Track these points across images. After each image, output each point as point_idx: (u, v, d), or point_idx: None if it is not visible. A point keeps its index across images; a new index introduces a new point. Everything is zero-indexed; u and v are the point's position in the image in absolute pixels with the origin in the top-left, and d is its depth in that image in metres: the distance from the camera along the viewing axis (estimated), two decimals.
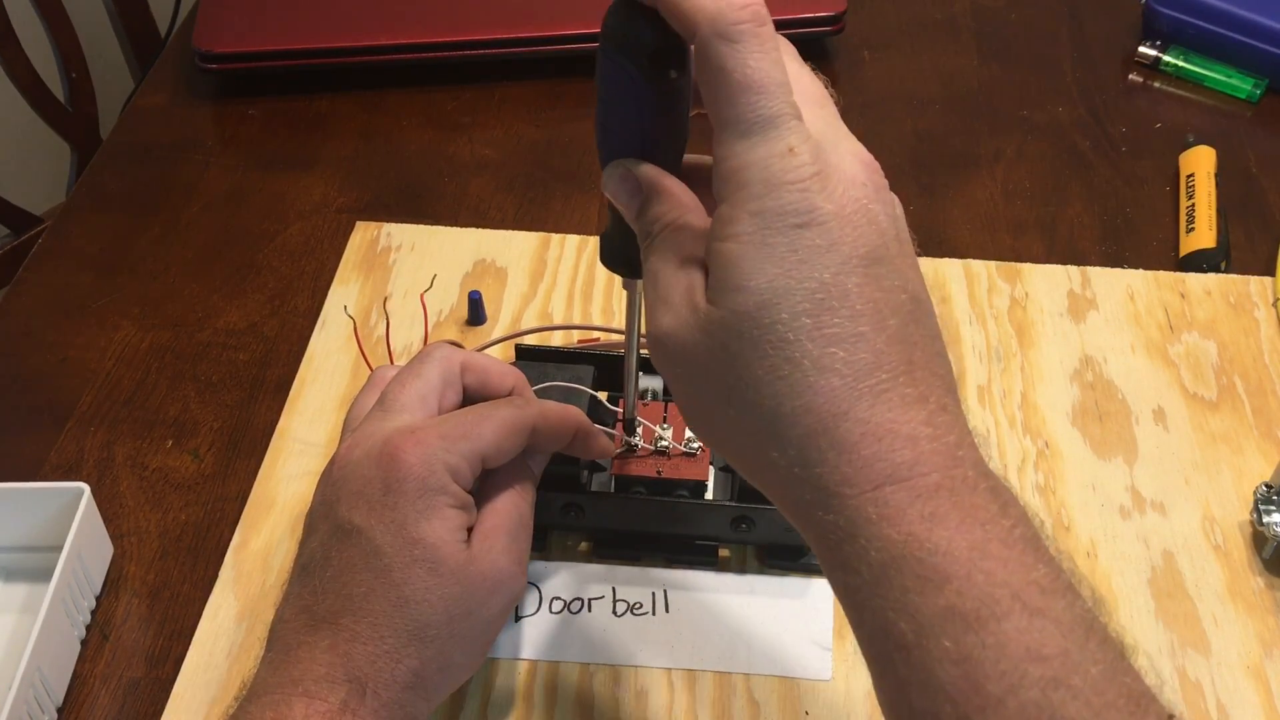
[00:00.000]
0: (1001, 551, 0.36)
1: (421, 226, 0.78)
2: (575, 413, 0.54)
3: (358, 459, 0.49)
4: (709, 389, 0.40)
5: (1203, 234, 0.76)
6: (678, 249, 0.41)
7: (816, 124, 0.39)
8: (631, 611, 0.59)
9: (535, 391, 0.59)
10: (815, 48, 0.93)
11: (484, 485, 0.51)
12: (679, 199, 0.43)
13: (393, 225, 0.78)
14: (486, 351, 0.70)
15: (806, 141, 0.38)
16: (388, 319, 0.71)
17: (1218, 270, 0.75)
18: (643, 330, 0.62)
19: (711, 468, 0.60)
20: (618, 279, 0.75)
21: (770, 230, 0.38)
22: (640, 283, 0.50)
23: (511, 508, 0.51)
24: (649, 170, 0.44)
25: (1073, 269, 0.75)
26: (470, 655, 0.49)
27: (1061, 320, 0.72)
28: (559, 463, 0.57)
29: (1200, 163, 0.81)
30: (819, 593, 0.59)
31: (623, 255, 0.48)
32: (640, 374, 0.63)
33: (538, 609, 0.59)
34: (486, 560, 0.49)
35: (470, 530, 0.49)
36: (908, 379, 0.38)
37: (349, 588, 0.47)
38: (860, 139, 0.42)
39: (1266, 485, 0.62)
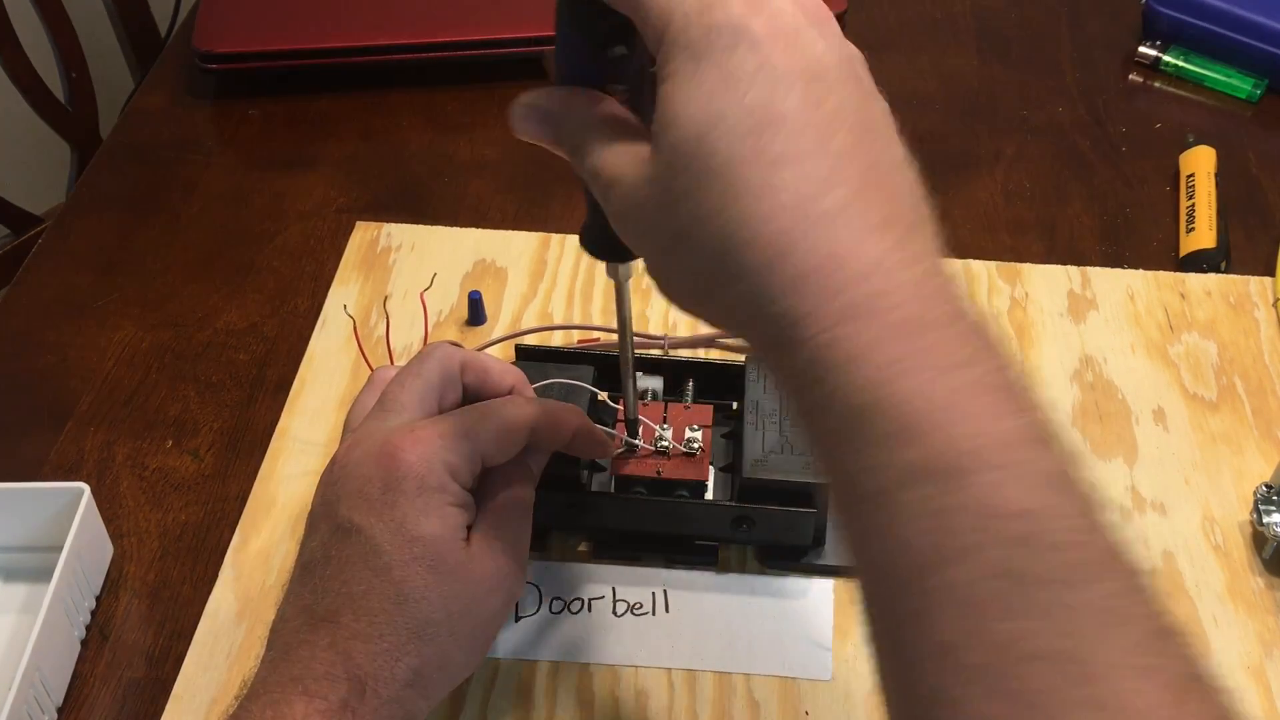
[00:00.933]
0: (972, 401, 0.33)
1: (421, 227, 0.78)
2: (575, 411, 0.54)
3: (357, 459, 0.49)
4: (664, 240, 0.38)
5: (1203, 234, 0.76)
6: (608, 134, 0.40)
7: None
8: (631, 611, 0.59)
9: (535, 390, 0.59)
10: None
11: (484, 484, 0.51)
12: (593, 97, 0.42)
13: (393, 225, 0.78)
14: (486, 351, 0.70)
15: None
16: (388, 319, 0.71)
17: (1218, 270, 0.75)
18: (636, 327, 0.62)
19: (711, 468, 0.60)
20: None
21: (700, 59, 0.35)
22: (624, 268, 0.50)
23: (511, 506, 0.51)
24: (555, 91, 0.43)
25: (1073, 269, 0.75)
26: (470, 653, 0.49)
27: (1061, 320, 0.72)
28: (559, 463, 0.57)
29: (1200, 163, 0.81)
30: (819, 593, 0.59)
31: (603, 237, 0.46)
32: (639, 374, 0.63)
33: (538, 609, 0.59)
34: (486, 559, 0.49)
35: (470, 529, 0.49)
36: (865, 201, 0.35)
37: (349, 586, 0.47)
38: None
39: (1266, 485, 0.62)
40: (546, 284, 0.74)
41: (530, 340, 0.70)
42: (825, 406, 0.34)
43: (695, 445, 0.59)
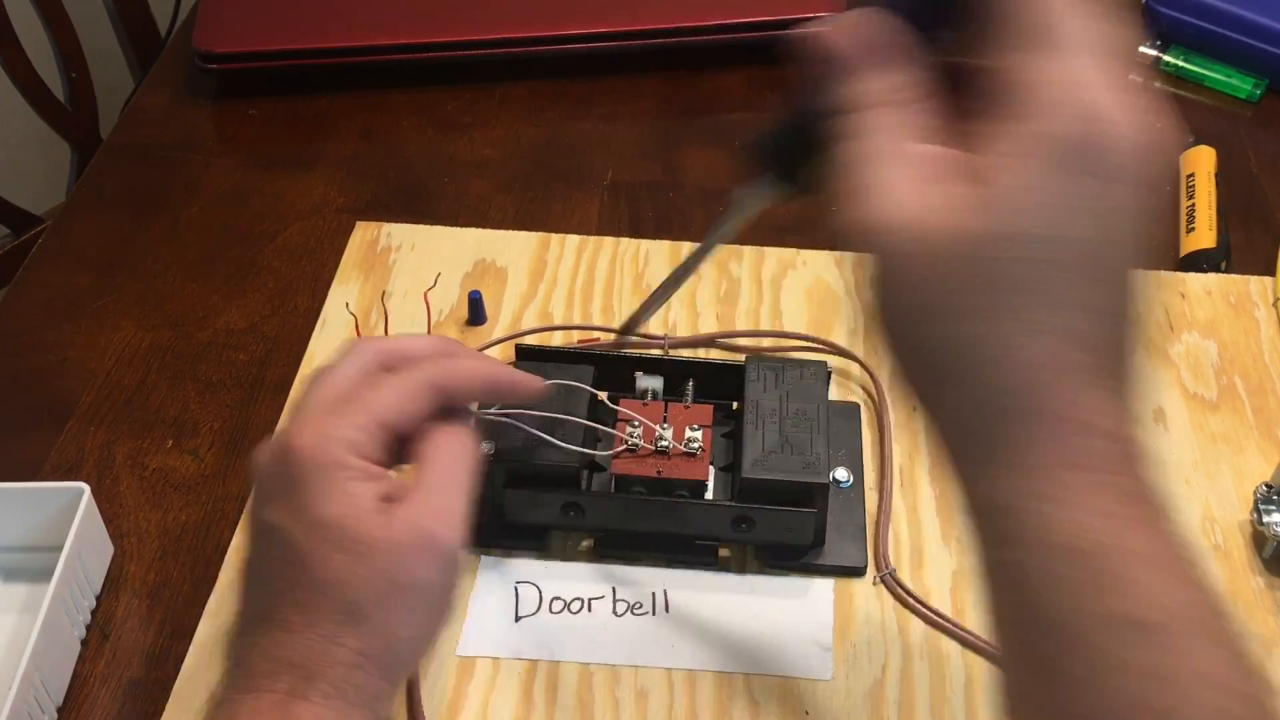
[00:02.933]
0: (1170, 562, 0.34)
1: (421, 226, 0.78)
2: (487, 362, 0.53)
3: (264, 461, 0.48)
4: (910, 297, 0.36)
5: (1203, 234, 0.76)
6: (897, 130, 0.37)
7: (1114, 72, 0.35)
8: (631, 611, 0.59)
9: None
10: None
11: (419, 448, 0.49)
12: (903, 75, 0.38)
13: (393, 225, 0.78)
14: (487, 351, 0.70)
15: (1107, 75, 0.34)
16: (386, 316, 0.71)
17: (1218, 270, 0.75)
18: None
19: (711, 468, 0.60)
20: (617, 279, 0.75)
21: (1055, 166, 0.34)
22: (772, 193, 0.45)
23: (440, 467, 0.49)
24: (879, 27, 0.38)
25: None
26: (419, 625, 0.48)
27: None
28: (559, 463, 0.58)
29: (1200, 162, 0.81)
30: (819, 593, 0.59)
31: (786, 153, 0.43)
32: (639, 374, 0.63)
33: (538, 609, 0.59)
34: (406, 526, 0.47)
35: (398, 497, 0.48)
36: (1119, 371, 0.35)
37: (275, 583, 0.46)
38: None
39: (1266, 485, 0.62)
40: (546, 284, 0.74)
41: (530, 340, 0.70)
42: (1022, 535, 0.35)
43: (695, 445, 0.59)
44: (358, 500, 0.46)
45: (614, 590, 0.60)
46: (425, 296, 0.70)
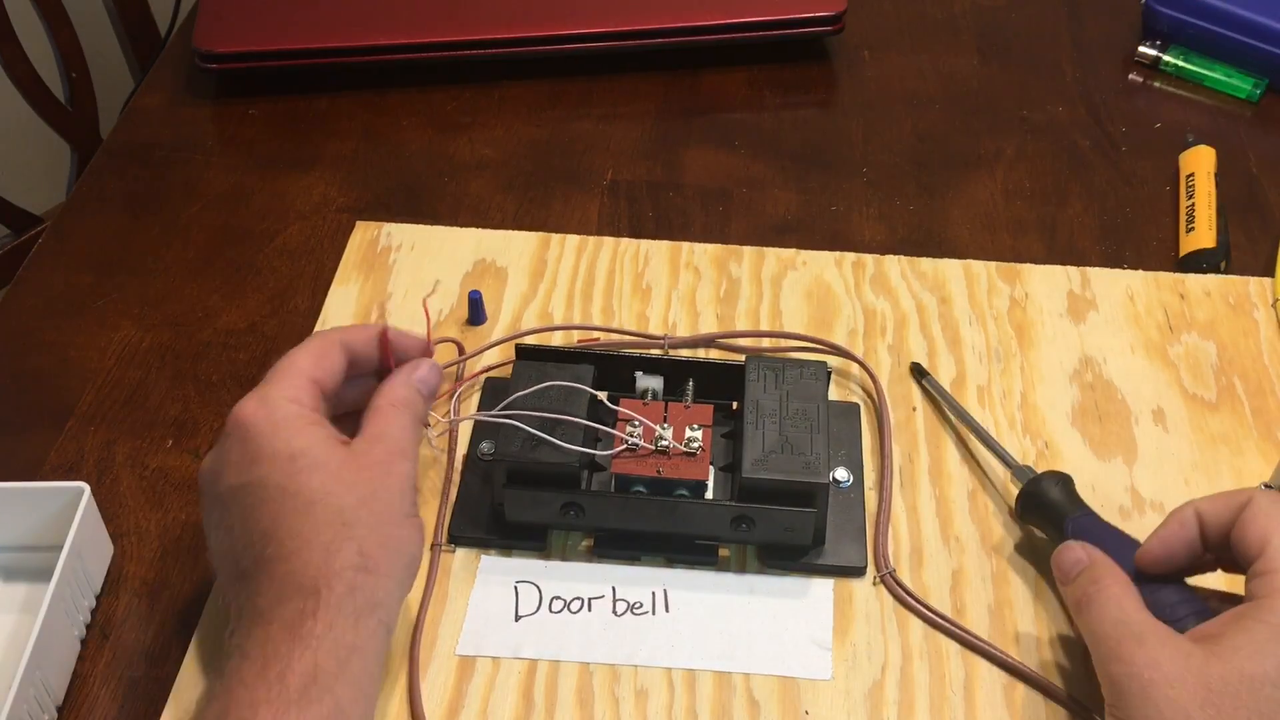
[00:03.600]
0: None
1: (422, 226, 0.78)
2: (376, 327, 0.58)
3: (214, 449, 0.54)
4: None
5: (1202, 234, 0.76)
6: (1130, 598, 0.51)
7: None
8: (631, 611, 0.59)
9: (534, 392, 0.60)
10: (815, 47, 0.93)
11: (366, 409, 0.55)
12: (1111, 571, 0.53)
13: (393, 225, 0.78)
14: (486, 351, 0.70)
15: None
16: (386, 316, 0.71)
17: (1217, 270, 0.75)
18: (635, 327, 0.62)
19: (711, 467, 0.60)
20: (617, 279, 0.75)
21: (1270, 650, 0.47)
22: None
23: (379, 413, 0.54)
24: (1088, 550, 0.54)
25: (1072, 269, 0.75)
26: (403, 527, 0.52)
27: (1061, 321, 0.72)
28: (559, 462, 0.58)
29: (1200, 162, 0.81)
30: (819, 592, 0.59)
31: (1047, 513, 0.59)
32: (639, 374, 0.63)
33: (538, 608, 0.59)
34: (364, 452, 0.52)
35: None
36: None
37: (259, 527, 0.50)
38: (860, 139, 0.42)
39: (1266, 486, 0.62)
40: (546, 284, 0.74)
41: (530, 340, 0.70)
42: None
43: (695, 445, 0.59)
44: (317, 433, 0.52)
45: (614, 590, 0.60)
46: (424, 303, 0.70)
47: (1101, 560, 0.53)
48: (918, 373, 0.68)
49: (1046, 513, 0.59)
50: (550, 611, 0.59)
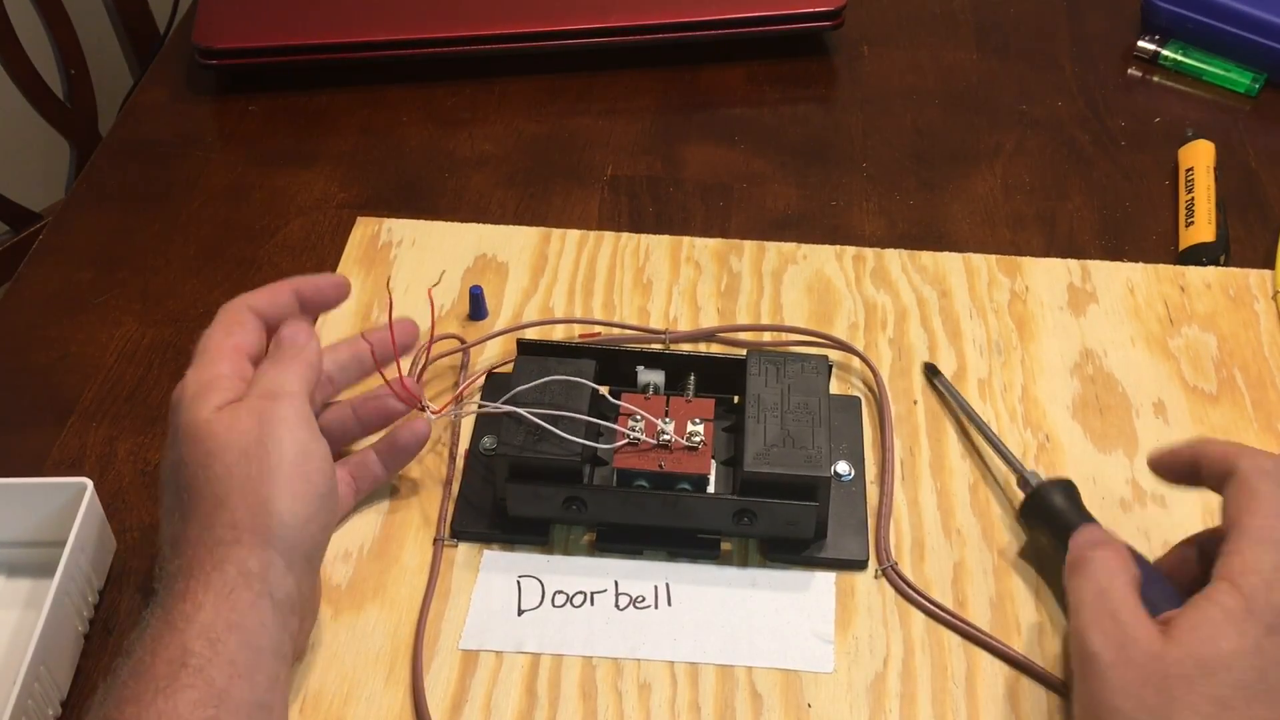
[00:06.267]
0: None
1: (422, 222, 0.78)
2: (284, 288, 0.60)
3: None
4: (1123, 703, 0.47)
5: (1202, 228, 0.76)
6: (1124, 574, 0.51)
7: None
8: (634, 605, 0.59)
9: (535, 387, 0.60)
10: (814, 43, 0.93)
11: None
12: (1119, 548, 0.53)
13: (393, 221, 0.78)
14: (487, 344, 0.70)
15: None
16: (391, 301, 0.71)
17: (1217, 264, 0.75)
18: (636, 321, 0.63)
19: (713, 461, 0.60)
20: (618, 273, 0.75)
21: (1249, 620, 0.46)
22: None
23: (269, 359, 0.56)
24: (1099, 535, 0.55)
25: (1072, 262, 0.75)
26: (279, 486, 0.51)
27: (1061, 314, 0.72)
28: (561, 457, 0.58)
29: (1199, 156, 0.81)
30: (820, 586, 0.59)
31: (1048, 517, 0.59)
32: (641, 369, 0.63)
33: (540, 602, 0.59)
34: (229, 410, 0.53)
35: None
36: None
37: (168, 507, 0.52)
38: (859, 134, 0.43)
39: None
40: (547, 279, 0.74)
41: (531, 335, 0.70)
42: None
43: (697, 439, 0.59)
44: (208, 401, 0.53)
45: (616, 584, 0.60)
46: (429, 293, 0.70)
47: (1117, 541, 0.53)
48: (930, 372, 0.68)
49: (1054, 521, 0.59)
50: (553, 606, 0.59)
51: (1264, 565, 0.47)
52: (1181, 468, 0.54)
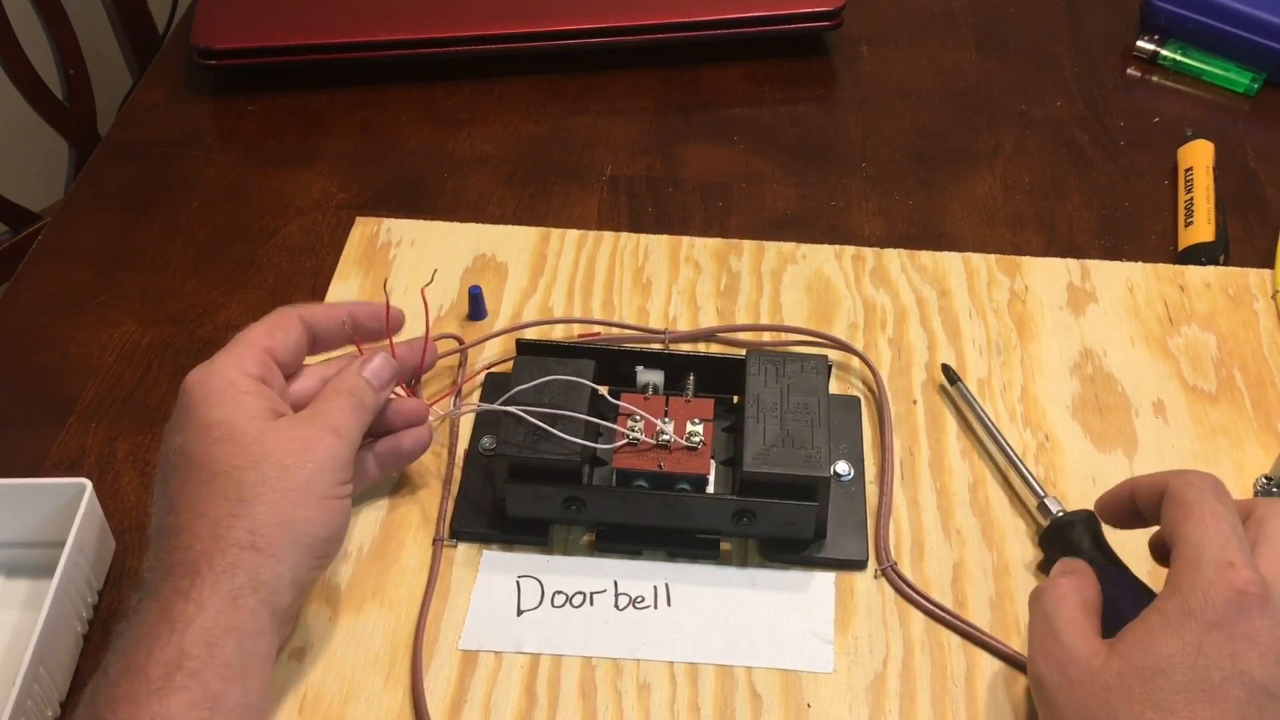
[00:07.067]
0: None
1: (421, 222, 0.78)
2: (343, 308, 0.60)
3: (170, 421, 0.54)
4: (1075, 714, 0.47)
5: (1201, 227, 0.76)
6: (1073, 596, 0.51)
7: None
8: (633, 605, 0.59)
9: (534, 387, 0.60)
10: (813, 43, 0.93)
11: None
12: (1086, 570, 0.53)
13: (393, 221, 0.78)
14: (487, 343, 0.70)
15: (1254, 572, 0.46)
16: (387, 298, 0.71)
17: (1216, 263, 0.75)
18: (635, 321, 0.63)
19: (713, 462, 0.60)
20: (617, 276, 0.75)
21: (1187, 621, 0.46)
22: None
23: (328, 393, 0.55)
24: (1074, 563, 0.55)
25: (1072, 262, 0.75)
26: (309, 509, 0.51)
27: (1061, 313, 0.72)
28: (560, 457, 0.58)
29: (1198, 156, 0.81)
30: (820, 586, 0.59)
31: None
32: (640, 369, 0.63)
33: (539, 603, 0.59)
34: (289, 427, 0.53)
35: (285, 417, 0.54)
36: None
37: (167, 494, 0.51)
38: (859, 134, 0.43)
39: (1266, 478, 0.62)
40: (546, 279, 0.74)
41: (530, 335, 0.70)
42: None
43: (696, 439, 0.59)
44: (245, 403, 0.53)
45: (616, 584, 0.60)
46: (422, 293, 0.70)
47: (1082, 566, 0.53)
48: (949, 376, 0.68)
49: (1071, 553, 0.58)
50: (552, 606, 0.59)
51: (1201, 565, 0.47)
52: (1122, 505, 0.54)
